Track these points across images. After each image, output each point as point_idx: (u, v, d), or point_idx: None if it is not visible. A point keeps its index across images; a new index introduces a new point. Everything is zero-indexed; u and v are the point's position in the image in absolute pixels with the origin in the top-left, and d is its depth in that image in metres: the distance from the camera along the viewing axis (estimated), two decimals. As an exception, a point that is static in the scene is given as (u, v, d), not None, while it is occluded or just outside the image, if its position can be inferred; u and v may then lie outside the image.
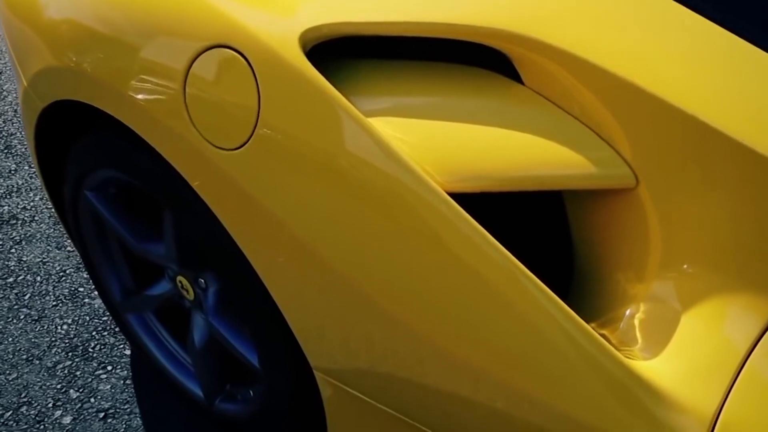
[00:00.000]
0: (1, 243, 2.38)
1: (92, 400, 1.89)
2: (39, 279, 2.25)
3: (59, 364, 1.98)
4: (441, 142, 1.04)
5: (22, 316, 2.11)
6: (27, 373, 1.95)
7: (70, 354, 2.01)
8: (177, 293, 1.68)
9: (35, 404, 1.87)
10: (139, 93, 1.24)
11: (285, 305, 1.29)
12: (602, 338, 0.95)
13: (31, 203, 2.58)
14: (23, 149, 2.86)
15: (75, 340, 2.05)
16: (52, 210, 2.52)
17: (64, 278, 2.25)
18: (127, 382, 1.93)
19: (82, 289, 2.21)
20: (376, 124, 1.04)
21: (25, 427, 1.81)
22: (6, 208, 2.53)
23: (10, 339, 2.04)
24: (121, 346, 2.02)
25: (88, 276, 2.20)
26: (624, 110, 1.04)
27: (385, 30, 1.11)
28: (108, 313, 2.11)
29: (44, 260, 2.32)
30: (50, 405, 1.88)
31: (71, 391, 1.91)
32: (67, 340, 2.05)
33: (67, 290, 2.21)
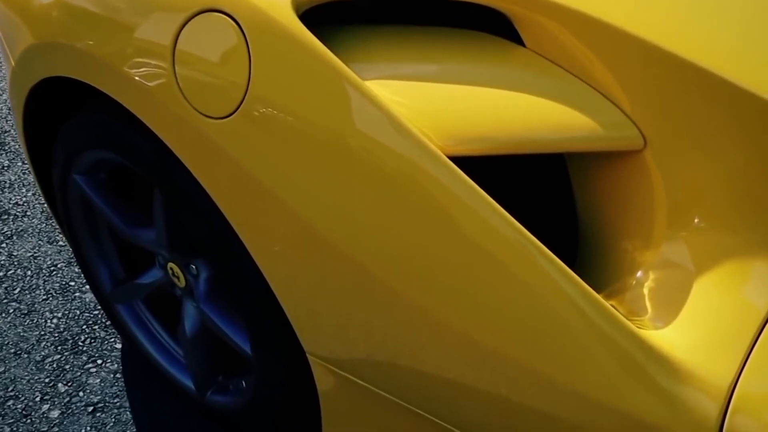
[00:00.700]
0: (-8, 237, 2.33)
1: (81, 393, 1.84)
2: (29, 273, 2.20)
3: (48, 357, 1.93)
4: (440, 105, 0.99)
5: (11, 310, 2.06)
6: (15, 367, 1.90)
7: (60, 348, 1.95)
8: (168, 281, 1.63)
9: (22, 398, 1.82)
10: (126, 62, 1.19)
11: (278, 286, 1.24)
12: (610, 306, 0.89)
13: (24, 199, 2.53)
14: (16, 146, 2.82)
15: (65, 333, 1.99)
16: (45, 205, 2.47)
17: (55, 272, 2.20)
18: (117, 375, 1.88)
19: (73, 283, 2.16)
20: (374, 88, 0.99)
21: (11, 421, 1.76)
22: (-3, 202, 2.49)
23: (-2, 333, 1.99)
24: (112, 340, 1.97)
25: (79, 269, 2.15)
26: (628, 68, 0.99)
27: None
28: (99, 307, 2.06)
29: (35, 255, 2.28)
30: (38, 399, 1.82)
31: (59, 384, 1.86)
32: (56, 334, 1.99)
33: (58, 284, 2.16)
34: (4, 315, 2.04)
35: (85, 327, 2.01)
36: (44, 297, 2.12)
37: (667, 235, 0.99)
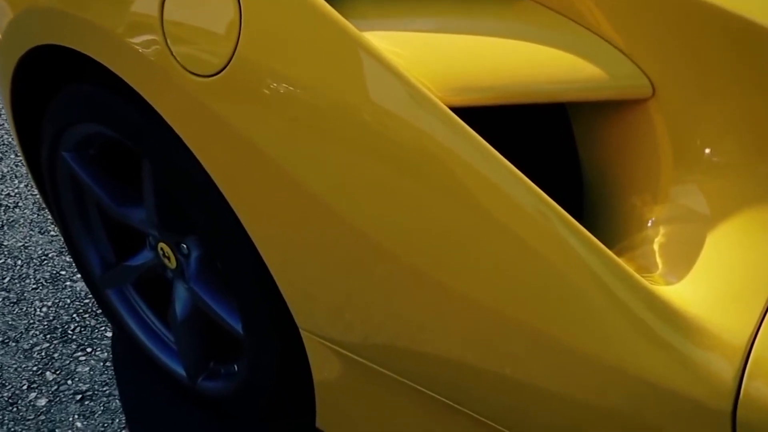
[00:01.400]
0: (-18, 227, 2.28)
1: (69, 382, 1.78)
2: (20, 263, 2.15)
3: (36, 346, 1.88)
4: (439, 55, 0.94)
5: (0, 299, 2.01)
6: (2, 355, 1.84)
7: (48, 336, 1.90)
8: (159, 263, 1.58)
9: (9, 386, 1.76)
10: (114, 21, 1.15)
11: (272, 260, 1.19)
12: (620, 261, 0.84)
13: (16, 190, 2.49)
14: (9, 139, 2.78)
15: (54, 322, 1.94)
16: (37, 196, 2.43)
17: (45, 262, 2.15)
18: (107, 364, 1.82)
19: (63, 273, 2.11)
20: (370, 38, 0.94)
21: (-3, 409, 1.70)
22: (-11, 193, 2.45)
23: (-14, 321, 1.94)
24: (103, 329, 1.92)
25: (71, 259, 2.10)
26: (630, 13, 0.94)
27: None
28: (90, 296, 2.00)
29: (26, 245, 2.23)
30: (25, 387, 1.77)
31: (47, 373, 1.81)
32: (45, 323, 1.94)
33: (48, 273, 2.11)
34: (-8, 304, 1.99)
35: (75, 316, 1.96)
36: (34, 286, 2.06)
37: (675, 188, 0.93)
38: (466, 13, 1.03)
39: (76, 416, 1.70)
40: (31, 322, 1.95)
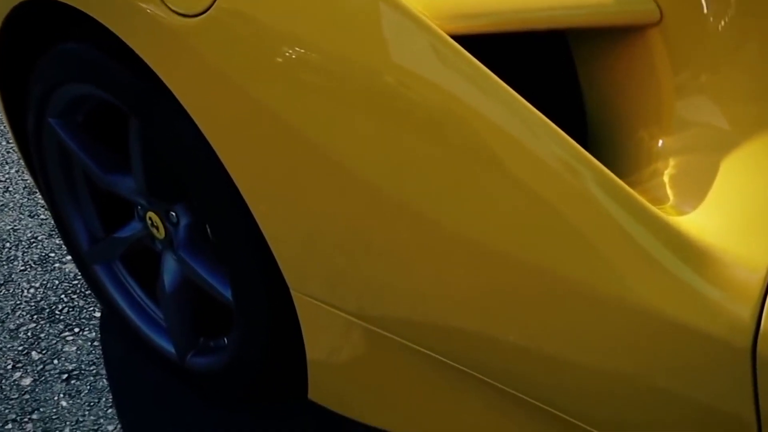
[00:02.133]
0: (-30, 210, 2.23)
1: (55, 361, 1.72)
2: (8, 245, 2.10)
3: (22, 326, 1.82)
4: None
5: (-13, 281, 1.96)
6: (-14, 335, 1.79)
7: (35, 317, 1.84)
8: (147, 234, 1.53)
9: (-7, 366, 1.71)
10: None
11: (261, 212, 1.14)
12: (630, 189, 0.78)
13: (7, 175, 2.44)
14: (1, 127, 2.74)
15: (42, 303, 1.89)
16: (28, 181, 2.38)
17: (34, 244, 2.10)
18: (95, 343, 1.76)
19: (53, 255, 2.05)
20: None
21: (-20, 388, 1.64)
22: (-22, 178, 2.40)
23: (-29, 302, 1.89)
24: (91, 309, 1.86)
25: (60, 241, 2.05)
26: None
27: None
28: (79, 277, 1.95)
29: (15, 228, 2.17)
30: (9, 366, 1.71)
31: (33, 353, 1.75)
32: (33, 303, 1.88)
33: (37, 256, 2.05)
34: (-22, 285, 1.94)
35: (63, 296, 1.90)
36: (22, 268, 2.01)
37: (683, 118, 0.88)
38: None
39: (62, 395, 1.65)
40: (18, 302, 1.89)
